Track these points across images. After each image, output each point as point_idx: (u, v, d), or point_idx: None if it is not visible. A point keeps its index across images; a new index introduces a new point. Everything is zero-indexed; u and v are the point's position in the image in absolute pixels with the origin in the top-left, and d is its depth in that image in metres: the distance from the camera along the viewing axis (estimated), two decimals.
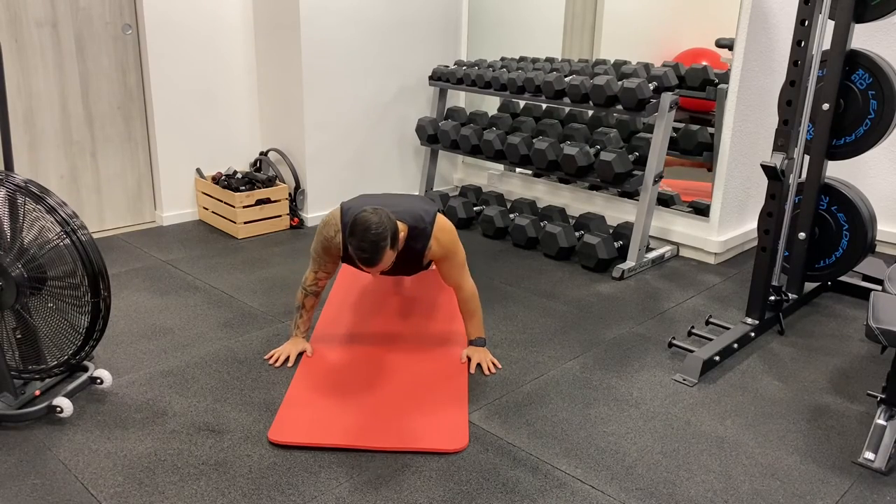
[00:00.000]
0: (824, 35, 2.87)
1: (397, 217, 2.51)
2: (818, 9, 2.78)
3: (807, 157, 3.18)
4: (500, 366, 2.79)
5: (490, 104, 4.97)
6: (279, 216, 4.35)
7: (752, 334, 3.02)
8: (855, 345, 3.05)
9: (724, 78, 3.76)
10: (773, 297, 3.08)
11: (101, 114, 4.10)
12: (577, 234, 3.96)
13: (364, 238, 2.33)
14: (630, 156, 3.83)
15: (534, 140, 4.07)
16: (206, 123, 4.41)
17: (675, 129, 3.91)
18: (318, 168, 4.43)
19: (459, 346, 2.90)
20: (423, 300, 3.32)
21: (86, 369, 2.55)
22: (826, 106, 3.05)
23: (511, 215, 4.24)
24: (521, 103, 4.73)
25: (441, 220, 2.69)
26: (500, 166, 4.92)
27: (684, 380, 2.72)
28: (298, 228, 4.41)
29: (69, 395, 2.42)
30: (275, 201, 4.31)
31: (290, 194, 4.41)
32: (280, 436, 2.29)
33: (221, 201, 4.27)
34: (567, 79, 3.93)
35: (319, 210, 4.49)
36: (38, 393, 2.44)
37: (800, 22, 2.79)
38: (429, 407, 2.47)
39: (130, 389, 2.59)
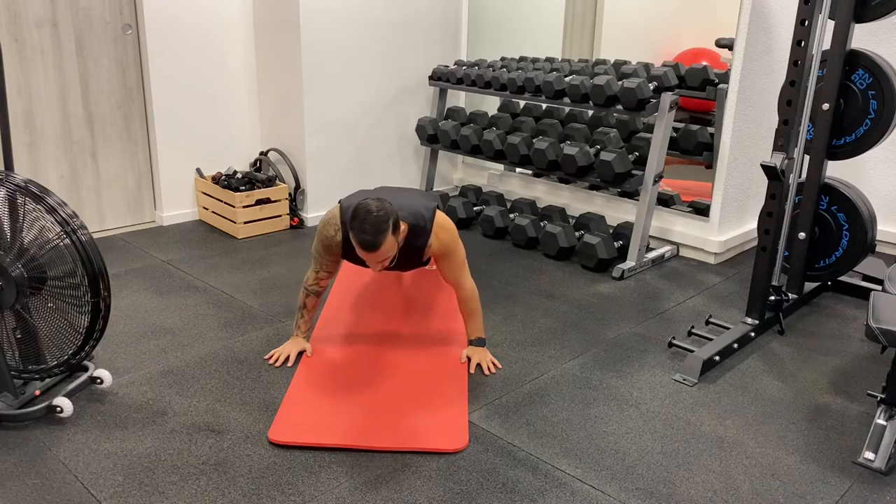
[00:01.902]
0: (824, 35, 2.87)
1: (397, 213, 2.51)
2: (818, 9, 2.78)
3: (807, 157, 3.18)
4: (500, 366, 2.79)
5: (490, 104, 4.97)
6: (279, 216, 4.35)
7: (752, 334, 3.02)
8: (855, 345, 3.05)
9: (724, 78, 3.76)
10: (773, 297, 3.08)
11: (101, 114, 4.10)
12: (577, 234, 3.96)
13: (366, 220, 2.33)
14: (630, 156, 3.83)
15: (534, 140, 4.07)
16: (206, 123, 4.41)
17: (675, 129, 3.91)
18: (318, 168, 4.43)
19: (459, 346, 2.90)
20: (422, 299, 3.32)
21: (86, 369, 2.55)
22: (826, 106, 3.05)
23: (511, 215, 4.24)
24: (521, 103, 4.72)
25: (441, 217, 2.68)
26: (500, 166, 4.92)
27: (684, 380, 2.72)
28: (298, 228, 4.41)
29: (69, 395, 2.42)
30: (275, 201, 4.31)
31: (290, 194, 4.41)
32: (280, 436, 2.29)
33: (221, 201, 4.27)
34: (567, 79, 3.93)
35: (319, 210, 4.49)
36: (38, 393, 2.44)
37: (800, 22, 2.79)
38: (429, 407, 2.47)
39: (130, 389, 2.59)
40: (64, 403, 2.35)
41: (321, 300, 2.87)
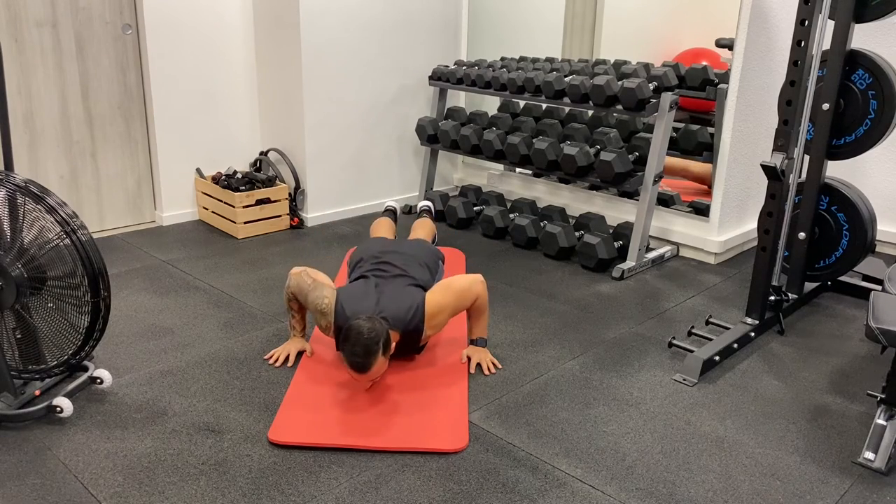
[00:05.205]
0: (824, 35, 2.87)
1: (389, 326, 2.52)
2: (818, 9, 2.78)
3: (807, 157, 3.18)
4: (500, 366, 2.79)
5: (490, 104, 4.97)
6: (279, 216, 4.35)
7: (752, 334, 3.02)
8: (855, 345, 3.05)
9: (724, 78, 3.76)
10: (773, 297, 3.08)
11: (101, 114, 4.10)
12: (577, 234, 3.96)
13: (357, 343, 2.36)
14: (630, 156, 3.83)
15: (534, 140, 4.07)
16: (206, 123, 4.41)
17: (675, 129, 3.91)
18: (318, 168, 4.43)
19: (459, 346, 2.90)
20: None
21: (86, 369, 2.55)
22: (826, 106, 3.05)
23: (511, 215, 4.24)
24: (521, 103, 4.72)
25: (430, 304, 2.62)
26: (500, 166, 4.92)
27: (684, 380, 2.72)
28: (298, 228, 4.41)
29: (69, 395, 2.42)
30: (275, 201, 4.31)
31: (290, 194, 4.41)
32: (280, 436, 2.29)
33: (221, 201, 4.27)
34: (567, 79, 3.93)
35: (319, 210, 4.49)
36: (38, 393, 2.44)
37: (800, 22, 2.79)
38: (429, 407, 2.47)
39: (130, 389, 2.59)
40: (64, 403, 2.35)
41: None
